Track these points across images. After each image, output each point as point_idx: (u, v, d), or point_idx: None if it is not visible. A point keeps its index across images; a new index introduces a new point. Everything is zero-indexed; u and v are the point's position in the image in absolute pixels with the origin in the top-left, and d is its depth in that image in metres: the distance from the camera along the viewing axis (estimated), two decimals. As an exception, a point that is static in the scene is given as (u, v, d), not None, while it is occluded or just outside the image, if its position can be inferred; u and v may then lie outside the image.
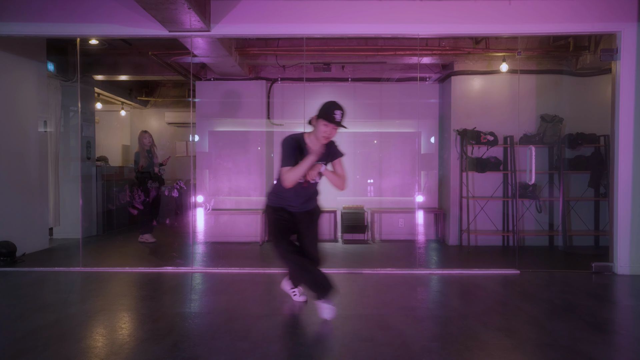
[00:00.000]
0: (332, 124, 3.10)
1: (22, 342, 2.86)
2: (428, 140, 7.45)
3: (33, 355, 2.66)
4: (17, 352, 2.69)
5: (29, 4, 4.91)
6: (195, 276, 4.68)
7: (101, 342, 2.86)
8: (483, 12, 4.89)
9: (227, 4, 4.88)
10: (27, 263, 5.32)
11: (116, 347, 2.75)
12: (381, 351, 2.71)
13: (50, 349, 2.75)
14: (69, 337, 2.96)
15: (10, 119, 5.66)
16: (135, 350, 2.72)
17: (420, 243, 6.98)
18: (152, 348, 2.75)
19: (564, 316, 3.37)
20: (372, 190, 7.57)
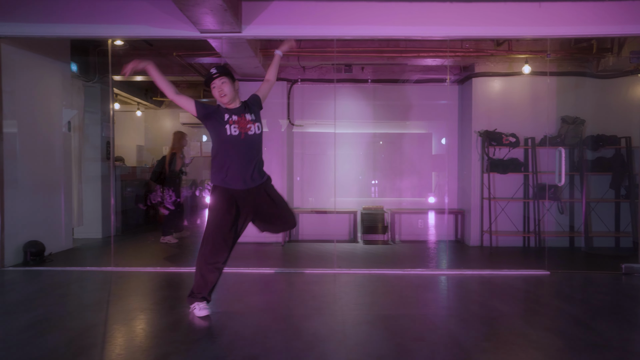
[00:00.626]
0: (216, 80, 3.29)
1: (79, 340, 2.88)
2: (447, 141, 7.48)
3: (94, 352, 2.68)
4: (78, 350, 2.71)
5: (60, 6, 4.93)
6: (229, 276, 4.70)
7: (155, 341, 2.88)
8: (512, 15, 4.91)
9: (258, 6, 4.91)
10: (55, 262, 5.34)
11: (173, 346, 2.78)
12: (437, 350, 2.74)
13: (107, 347, 2.78)
14: (123, 335, 2.99)
15: (36, 120, 5.68)
16: (193, 348, 2.74)
17: (441, 244, 7.00)
18: (209, 347, 2.78)
19: (607, 317, 3.40)
20: (388, 191, 7.60)
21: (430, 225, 7.44)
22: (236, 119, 3.29)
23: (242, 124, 3.29)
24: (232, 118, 3.29)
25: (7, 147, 5.17)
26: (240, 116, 3.32)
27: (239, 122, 3.29)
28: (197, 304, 3.35)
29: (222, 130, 3.25)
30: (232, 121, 3.27)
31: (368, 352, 2.72)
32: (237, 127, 3.27)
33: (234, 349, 2.74)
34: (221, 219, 3.26)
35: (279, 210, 3.47)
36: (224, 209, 3.27)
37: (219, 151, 3.30)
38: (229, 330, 3.07)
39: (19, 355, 2.64)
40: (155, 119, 10.56)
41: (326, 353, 2.70)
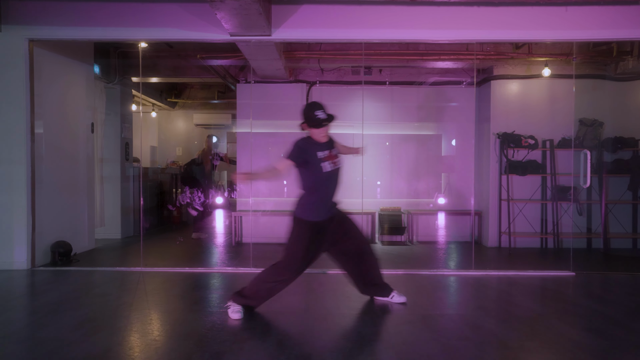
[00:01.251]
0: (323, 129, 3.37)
1: (129, 339, 2.93)
2: (464, 143, 7.53)
3: (148, 351, 2.73)
4: (131, 349, 2.76)
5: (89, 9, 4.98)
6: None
7: (207, 341, 2.93)
8: (537, 19, 4.97)
9: (288, 9, 4.97)
10: (81, 263, 5.39)
11: (225, 345, 2.83)
12: (484, 349, 2.79)
13: (160, 347, 2.83)
14: (173, 336, 3.03)
15: (62, 121, 5.73)
16: (245, 347, 2.79)
17: (459, 245, 7.05)
18: (261, 345, 2.83)
19: (642, 317, 3.46)
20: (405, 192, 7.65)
21: (447, 226, 7.49)
22: (327, 154, 3.39)
23: (332, 158, 3.41)
24: (324, 154, 3.37)
25: (35, 149, 5.22)
26: (330, 150, 3.43)
27: (330, 157, 3.39)
28: (236, 305, 3.39)
29: (319, 169, 3.34)
30: (325, 157, 3.36)
31: (417, 351, 2.78)
32: (330, 162, 3.38)
33: (285, 348, 2.79)
34: (307, 252, 3.36)
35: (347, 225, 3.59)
36: (313, 242, 3.38)
37: (314, 187, 3.39)
38: (275, 330, 3.12)
39: (77, 353, 2.69)
40: (169, 120, 10.62)
41: (376, 352, 2.75)
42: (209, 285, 4.40)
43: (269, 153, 7.29)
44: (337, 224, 3.52)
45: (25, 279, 4.59)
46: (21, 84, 5.01)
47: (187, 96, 10.24)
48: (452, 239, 7.39)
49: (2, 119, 5.01)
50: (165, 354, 2.71)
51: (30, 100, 5.09)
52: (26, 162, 5.03)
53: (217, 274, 4.86)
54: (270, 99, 7.33)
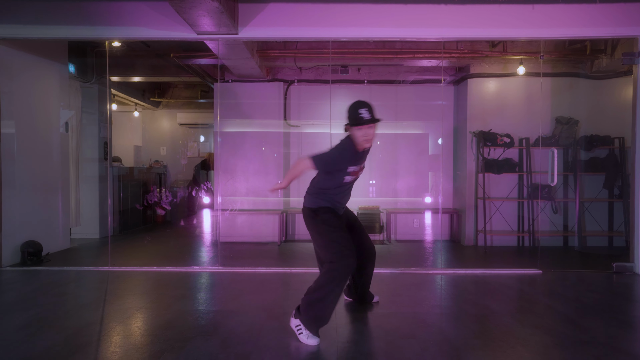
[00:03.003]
0: (365, 126, 3.04)
1: (74, 338, 2.93)
2: (443, 141, 7.53)
3: (90, 349, 2.73)
4: (73, 348, 2.76)
5: (58, 8, 4.97)
6: (225, 275, 4.75)
7: (150, 339, 2.93)
8: (506, 17, 4.97)
9: (255, 8, 4.96)
10: (52, 262, 5.39)
11: (168, 344, 2.83)
12: (426, 347, 2.79)
13: (102, 345, 2.83)
14: (119, 333, 3.04)
15: (33, 121, 5.72)
16: (187, 346, 2.79)
17: (436, 243, 7.06)
18: (203, 344, 2.83)
19: (597, 315, 3.46)
20: (385, 191, 7.65)
21: (426, 225, 7.49)
22: (357, 169, 3.18)
23: (358, 172, 3.23)
24: (354, 169, 3.15)
25: (5, 148, 5.21)
26: (361, 164, 3.23)
27: (356, 172, 3.21)
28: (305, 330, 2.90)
29: (341, 179, 3.15)
30: (352, 172, 3.16)
31: (359, 349, 2.78)
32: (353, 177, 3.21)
33: (228, 347, 2.79)
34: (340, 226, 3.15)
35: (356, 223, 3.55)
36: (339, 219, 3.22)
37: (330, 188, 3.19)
38: (223, 329, 3.12)
39: (14, 354, 2.68)
40: (153, 119, 10.61)
41: (318, 351, 2.75)
42: (171, 284, 4.39)
43: (247, 152, 7.28)
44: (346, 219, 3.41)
45: (-11, 278, 4.59)
46: (-14, 83, 5.00)
47: (170, 95, 10.23)
48: (430, 237, 7.39)
49: (-33, 119, 5.00)
50: (104, 353, 2.71)
51: (-4, 99, 5.07)
52: (-7, 162, 5.02)
53: (185, 273, 4.85)
54: (247, 98, 7.32)
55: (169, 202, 6.39)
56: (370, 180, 7.66)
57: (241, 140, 7.34)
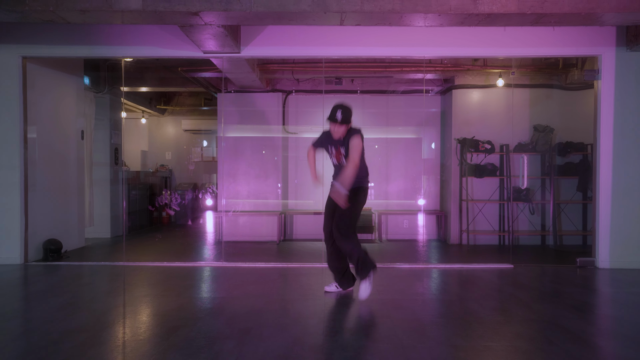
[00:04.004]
0: (332, 124, 4.01)
1: (103, 317, 3.49)
2: (429, 147, 8.10)
3: (118, 326, 3.29)
4: (104, 324, 3.32)
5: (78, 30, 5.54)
6: (229, 269, 5.31)
7: (167, 318, 3.48)
8: (482, 37, 5.53)
9: (255, 30, 5.53)
10: (71, 259, 5.94)
11: (182, 322, 3.38)
12: (399, 324, 3.34)
13: (128, 322, 3.38)
14: (141, 313, 3.59)
15: (54, 128, 6.29)
16: (198, 324, 3.35)
17: (424, 242, 7.61)
18: (211, 322, 3.38)
19: (549, 300, 4.02)
20: (377, 193, 8.21)
21: (415, 225, 8.05)
22: (333, 151, 4.09)
23: (337, 155, 4.08)
24: (332, 150, 4.11)
25: (29, 154, 5.78)
26: (337, 148, 4.06)
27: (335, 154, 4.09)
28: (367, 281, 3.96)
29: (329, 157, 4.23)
30: (331, 152, 4.13)
31: (342, 325, 3.33)
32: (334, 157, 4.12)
33: (232, 324, 3.34)
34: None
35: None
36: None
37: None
38: (228, 310, 3.68)
39: (57, 328, 3.24)
40: (159, 125, 11.18)
41: (308, 326, 3.31)
42: (180, 277, 4.95)
43: (248, 156, 7.85)
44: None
45: (18, 272, 5.15)
46: (15, 95, 5.56)
47: (175, 103, 10.80)
48: (420, 237, 7.94)
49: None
50: (131, 329, 3.26)
51: (24, 109, 5.64)
52: (20, 166, 5.58)
53: (193, 267, 5.41)
54: (248, 107, 7.90)
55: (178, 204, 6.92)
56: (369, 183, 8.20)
57: (243, 146, 7.91)
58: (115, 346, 2.95)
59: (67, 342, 2.98)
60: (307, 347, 2.91)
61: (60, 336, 3.08)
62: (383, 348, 2.88)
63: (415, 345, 2.93)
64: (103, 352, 2.84)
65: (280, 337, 3.07)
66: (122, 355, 2.79)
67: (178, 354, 2.79)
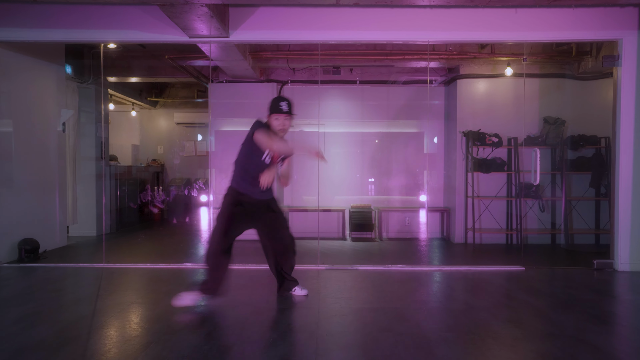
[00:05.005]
0: (282, 115, 3.53)
1: (66, 331, 3.07)
2: (432, 140, 7.67)
3: (79, 342, 2.87)
4: (65, 340, 2.91)
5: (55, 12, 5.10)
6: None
7: (139, 332, 3.07)
8: (491, 20, 5.09)
9: (244, 12, 5.09)
10: (49, 259, 5.53)
11: (155, 337, 2.97)
12: (401, 340, 2.93)
13: (93, 337, 2.97)
14: (109, 326, 3.18)
15: (31, 121, 5.86)
16: (173, 339, 2.93)
17: (426, 241, 7.20)
18: (188, 337, 2.97)
19: (568, 309, 3.60)
20: (377, 189, 7.79)
21: (417, 223, 7.63)
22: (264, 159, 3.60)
23: (275, 157, 3.62)
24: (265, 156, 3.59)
25: (2, 147, 5.35)
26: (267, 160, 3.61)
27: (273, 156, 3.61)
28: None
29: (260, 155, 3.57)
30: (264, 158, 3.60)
31: (337, 341, 2.92)
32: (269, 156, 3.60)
33: (211, 339, 2.93)
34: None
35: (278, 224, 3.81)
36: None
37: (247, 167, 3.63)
38: (209, 322, 3.26)
39: (8, 346, 2.83)
40: (150, 118, 10.75)
41: (297, 343, 2.89)
42: (163, 280, 4.53)
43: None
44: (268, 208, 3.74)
45: (-13, 274, 4.74)
46: (-15, 85, 5.13)
47: (167, 95, 10.36)
48: (421, 235, 7.53)
49: (-34, 120, 5.14)
50: (93, 345, 2.85)
51: (-6, 100, 5.21)
52: (-10, 161, 5.16)
53: (177, 270, 4.99)
54: (241, 98, 7.46)
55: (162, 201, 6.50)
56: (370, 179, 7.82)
57: (236, 139, 7.45)
58: (72, 368, 2.53)
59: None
60: (295, 369, 2.50)
61: (12, 355, 2.67)
62: (384, 371, 2.47)
63: (421, 368, 2.52)
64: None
65: (266, 356, 2.65)
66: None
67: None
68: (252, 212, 3.66)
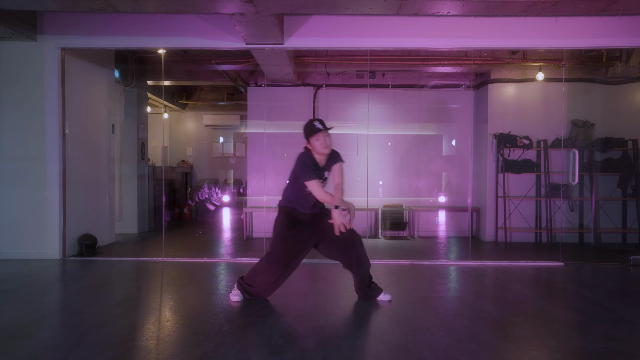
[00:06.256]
0: (320, 133, 3.52)
1: (166, 313, 3.36)
2: (463, 143, 7.93)
3: (184, 321, 3.16)
4: (169, 320, 3.19)
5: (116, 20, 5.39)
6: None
7: (235, 315, 3.34)
8: (530, 27, 5.37)
9: (299, 20, 5.38)
10: (106, 254, 5.81)
11: (250, 319, 3.24)
12: (476, 323, 3.20)
13: (192, 317, 3.25)
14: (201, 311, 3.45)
15: (86, 123, 6.15)
16: (268, 321, 3.21)
17: (457, 239, 7.46)
18: (282, 320, 3.24)
19: (619, 299, 3.87)
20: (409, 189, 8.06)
21: (447, 222, 7.90)
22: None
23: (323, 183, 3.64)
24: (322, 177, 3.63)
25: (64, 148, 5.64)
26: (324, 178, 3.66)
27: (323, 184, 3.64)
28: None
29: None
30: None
31: (418, 324, 3.19)
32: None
33: (302, 321, 3.20)
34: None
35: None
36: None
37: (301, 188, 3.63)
38: (292, 309, 3.54)
39: (122, 324, 3.11)
40: (180, 120, 11.04)
41: (382, 326, 3.16)
42: (223, 273, 4.81)
43: (277, 152, 7.72)
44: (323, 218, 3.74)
45: (60, 267, 5.02)
46: (54, 89, 5.43)
47: (197, 98, 10.66)
48: (451, 234, 7.80)
49: (36, 121, 5.43)
50: (185, 327, 3.13)
51: (62, 103, 5.51)
52: (58, 160, 5.45)
53: (235, 264, 5.27)
54: (278, 101, 7.75)
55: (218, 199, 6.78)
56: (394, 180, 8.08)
57: (271, 141, 7.76)
58: (204, 337, 2.81)
59: (139, 340, 2.84)
60: (391, 345, 2.77)
61: (130, 331, 2.95)
62: (472, 348, 2.74)
63: (505, 345, 2.79)
64: (197, 342, 2.71)
65: (361, 338, 2.93)
66: (213, 346, 2.65)
67: (259, 351, 2.65)
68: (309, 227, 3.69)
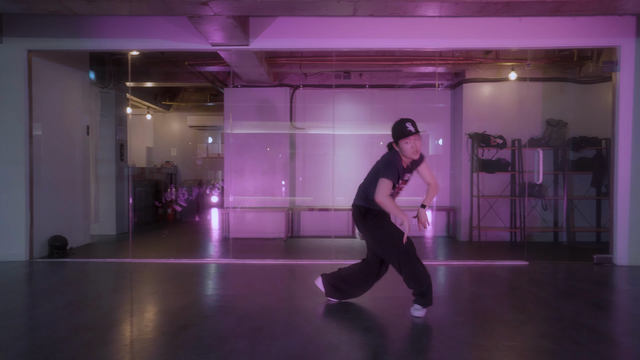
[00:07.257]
0: (411, 137, 3.37)
1: (110, 315, 3.39)
2: (440, 142, 7.96)
3: (125, 324, 3.19)
4: (111, 322, 3.22)
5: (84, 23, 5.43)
6: (237, 267, 5.20)
7: (176, 317, 3.37)
8: (495, 28, 5.38)
9: (264, 21, 5.40)
10: (77, 255, 5.85)
11: (191, 320, 3.27)
12: (415, 324, 3.22)
13: (135, 320, 3.28)
14: (148, 312, 3.49)
15: (59, 124, 6.19)
16: (207, 322, 3.24)
17: (433, 239, 7.48)
18: (222, 320, 3.27)
19: (568, 298, 3.89)
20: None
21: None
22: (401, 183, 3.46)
23: (402, 184, 3.50)
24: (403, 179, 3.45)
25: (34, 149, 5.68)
26: (406, 178, 3.49)
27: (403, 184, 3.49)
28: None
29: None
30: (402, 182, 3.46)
31: (357, 324, 3.22)
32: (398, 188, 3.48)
33: (243, 322, 3.23)
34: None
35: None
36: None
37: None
38: (238, 308, 3.57)
39: (65, 325, 3.14)
40: (164, 121, 11.09)
41: (322, 325, 3.19)
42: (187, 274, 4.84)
43: (255, 152, 7.75)
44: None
45: (24, 269, 5.06)
46: (20, 91, 5.46)
47: (180, 99, 10.70)
48: (428, 233, 7.81)
49: (3, 123, 5.47)
50: (138, 327, 3.16)
51: (29, 105, 5.54)
52: (25, 162, 5.49)
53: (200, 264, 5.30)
54: (255, 102, 7.79)
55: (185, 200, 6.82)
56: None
57: (249, 142, 7.80)
58: (122, 345, 2.84)
59: (73, 340, 2.87)
60: (321, 345, 2.80)
61: (67, 334, 2.98)
62: (401, 347, 2.77)
63: (435, 345, 2.81)
64: (110, 351, 2.74)
65: (293, 336, 2.95)
66: (130, 355, 2.68)
67: (189, 353, 2.68)
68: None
